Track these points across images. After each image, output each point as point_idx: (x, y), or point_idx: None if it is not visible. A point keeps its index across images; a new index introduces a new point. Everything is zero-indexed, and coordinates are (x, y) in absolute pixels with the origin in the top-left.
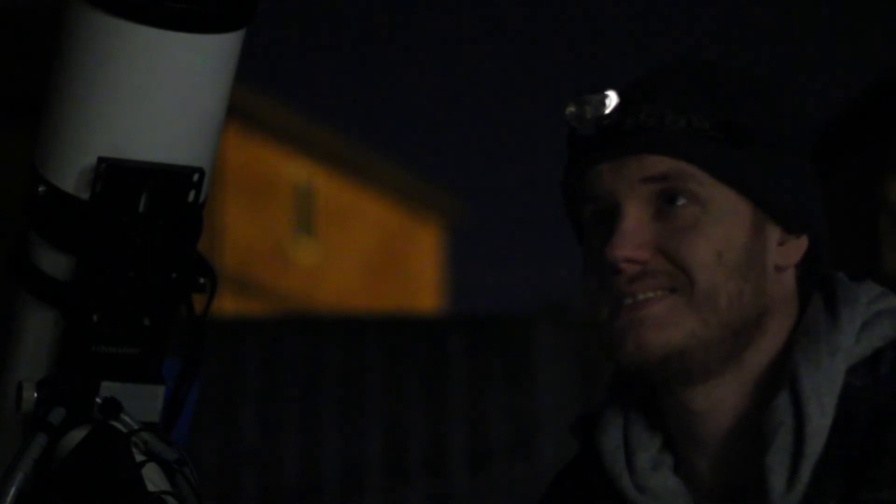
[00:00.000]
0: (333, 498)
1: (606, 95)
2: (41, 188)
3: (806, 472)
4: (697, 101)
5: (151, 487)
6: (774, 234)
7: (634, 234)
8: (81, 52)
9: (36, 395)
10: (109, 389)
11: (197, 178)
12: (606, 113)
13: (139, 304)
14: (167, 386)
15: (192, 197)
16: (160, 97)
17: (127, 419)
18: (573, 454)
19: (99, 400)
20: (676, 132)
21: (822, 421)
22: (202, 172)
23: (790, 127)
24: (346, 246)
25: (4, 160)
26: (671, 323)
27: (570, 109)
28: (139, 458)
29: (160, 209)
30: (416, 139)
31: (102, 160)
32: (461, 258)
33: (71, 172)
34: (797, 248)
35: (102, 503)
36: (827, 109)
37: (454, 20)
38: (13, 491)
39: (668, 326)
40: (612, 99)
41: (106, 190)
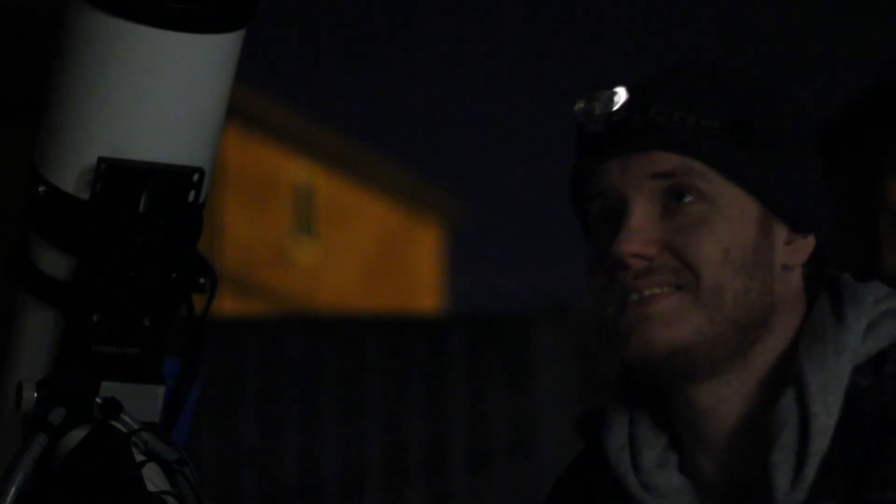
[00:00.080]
0: (333, 498)
1: (616, 92)
2: (41, 188)
3: (811, 470)
4: (706, 100)
5: (151, 487)
6: (782, 233)
7: (642, 229)
8: (81, 52)
9: (36, 395)
10: (109, 389)
11: (197, 178)
12: (615, 109)
13: (139, 304)
14: (167, 386)
15: (192, 197)
16: (160, 97)
17: (127, 419)
18: (573, 454)
19: (99, 400)
20: (685, 130)
21: (827, 420)
22: (202, 172)
23: (799, 127)
24: (345, 246)
25: (4, 160)
26: (677, 319)
27: (579, 106)
28: (139, 458)
29: (160, 209)
30: (416, 139)
31: (102, 160)
32: (461, 258)
33: (71, 172)
34: (804, 247)
35: (102, 503)
36: (827, 109)
37: (454, 20)
38: (13, 491)
39: (674, 323)
40: (621, 96)
41: (106, 190)
